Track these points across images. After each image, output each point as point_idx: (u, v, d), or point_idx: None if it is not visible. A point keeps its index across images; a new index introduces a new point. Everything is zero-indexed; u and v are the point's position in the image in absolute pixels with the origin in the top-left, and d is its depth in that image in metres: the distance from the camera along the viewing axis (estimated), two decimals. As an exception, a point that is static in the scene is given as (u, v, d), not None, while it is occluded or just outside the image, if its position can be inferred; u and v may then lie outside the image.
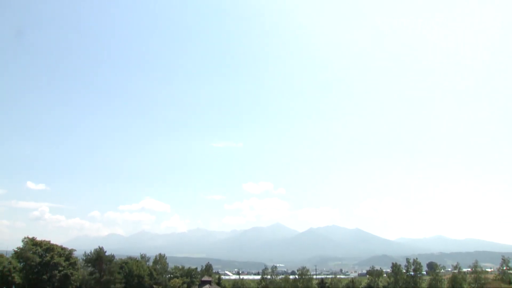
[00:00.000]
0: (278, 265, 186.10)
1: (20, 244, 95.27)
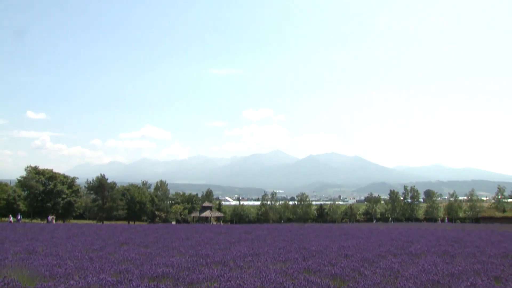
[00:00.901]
0: (277, 191, 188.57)
1: (23, 173, 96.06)
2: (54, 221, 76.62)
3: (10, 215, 77.12)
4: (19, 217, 73.73)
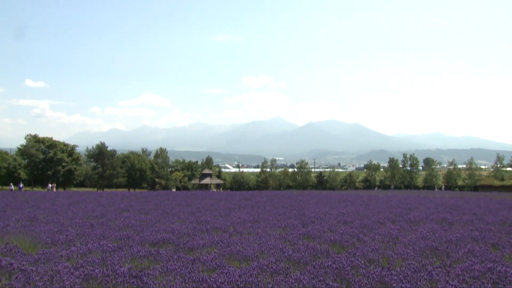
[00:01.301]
0: (277, 158, 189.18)
1: (23, 142, 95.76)
2: (54, 189, 77.10)
3: (11, 183, 77.59)
4: (21, 185, 74.17)
